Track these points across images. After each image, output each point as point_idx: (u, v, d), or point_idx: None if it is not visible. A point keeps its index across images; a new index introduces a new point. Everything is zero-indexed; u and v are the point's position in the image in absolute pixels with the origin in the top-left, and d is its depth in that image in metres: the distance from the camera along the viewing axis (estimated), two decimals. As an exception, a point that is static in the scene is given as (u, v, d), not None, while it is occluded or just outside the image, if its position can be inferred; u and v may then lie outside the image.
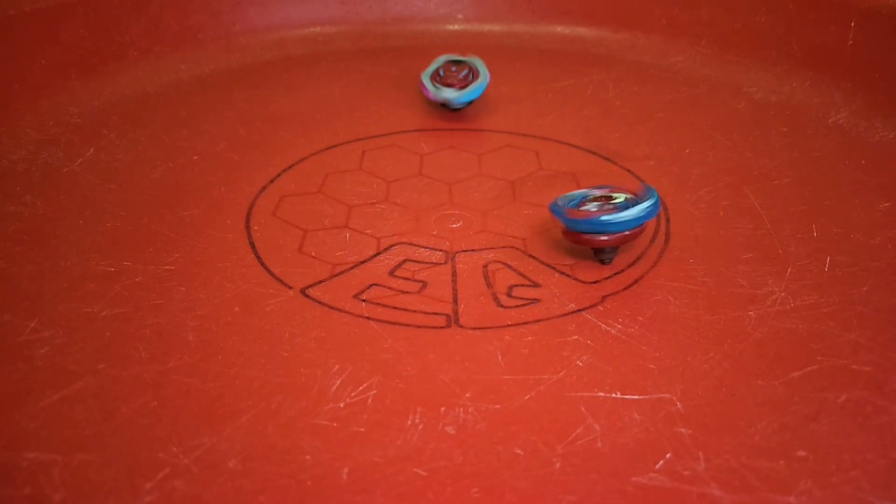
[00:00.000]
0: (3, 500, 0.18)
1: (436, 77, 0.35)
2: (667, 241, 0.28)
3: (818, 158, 0.32)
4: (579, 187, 0.31)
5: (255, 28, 0.42)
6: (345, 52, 0.42)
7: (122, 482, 0.19)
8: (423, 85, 0.35)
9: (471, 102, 0.35)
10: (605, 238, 0.25)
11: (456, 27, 0.44)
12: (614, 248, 0.26)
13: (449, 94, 0.35)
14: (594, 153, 0.33)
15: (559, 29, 0.44)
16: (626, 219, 0.24)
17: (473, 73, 0.35)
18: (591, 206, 0.25)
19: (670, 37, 0.42)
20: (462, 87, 0.35)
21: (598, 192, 0.26)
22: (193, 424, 0.20)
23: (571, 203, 0.25)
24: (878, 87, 0.36)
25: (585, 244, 0.25)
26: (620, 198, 0.25)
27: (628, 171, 0.32)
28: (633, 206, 0.24)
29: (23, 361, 0.22)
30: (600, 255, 0.26)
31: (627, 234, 0.25)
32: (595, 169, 0.32)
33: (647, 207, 0.24)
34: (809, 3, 0.38)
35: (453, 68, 0.35)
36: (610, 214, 0.24)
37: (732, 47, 0.40)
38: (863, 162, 0.32)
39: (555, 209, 0.25)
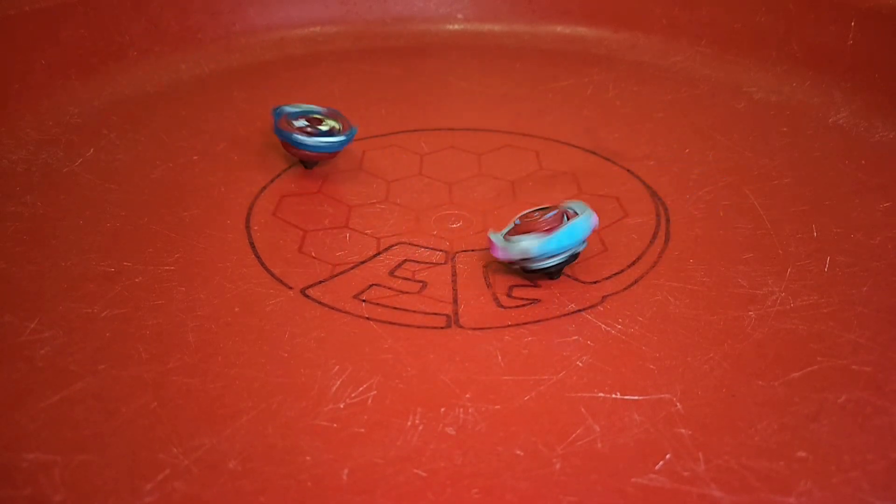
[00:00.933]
0: (3, 501, 0.18)
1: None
2: (667, 241, 0.28)
3: (818, 158, 0.32)
4: (579, 187, 0.31)
5: (255, 28, 0.42)
6: (345, 52, 0.42)
7: (123, 483, 0.19)
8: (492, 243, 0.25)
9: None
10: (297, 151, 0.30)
11: (456, 27, 0.44)
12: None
13: (525, 243, 0.24)
14: (594, 153, 0.33)
15: (559, 29, 0.44)
16: (314, 144, 0.30)
17: (568, 216, 0.25)
18: (299, 124, 0.31)
19: (670, 37, 0.42)
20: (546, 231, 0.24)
21: (317, 113, 0.31)
22: (193, 425, 0.20)
23: (291, 114, 0.31)
24: (878, 87, 0.36)
25: (288, 151, 0.31)
26: (326, 127, 0.31)
27: (628, 171, 0.32)
28: (326, 136, 0.30)
29: (23, 362, 0.22)
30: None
31: (310, 155, 0.30)
32: (595, 169, 0.32)
33: (332, 141, 0.30)
34: (809, 3, 0.38)
35: (535, 213, 0.25)
36: (303, 136, 0.30)
37: (732, 47, 0.40)
38: (863, 162, 0.32)
39: (276, 112, 0.31)
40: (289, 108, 0.31)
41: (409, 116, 0.36)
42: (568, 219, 0.24)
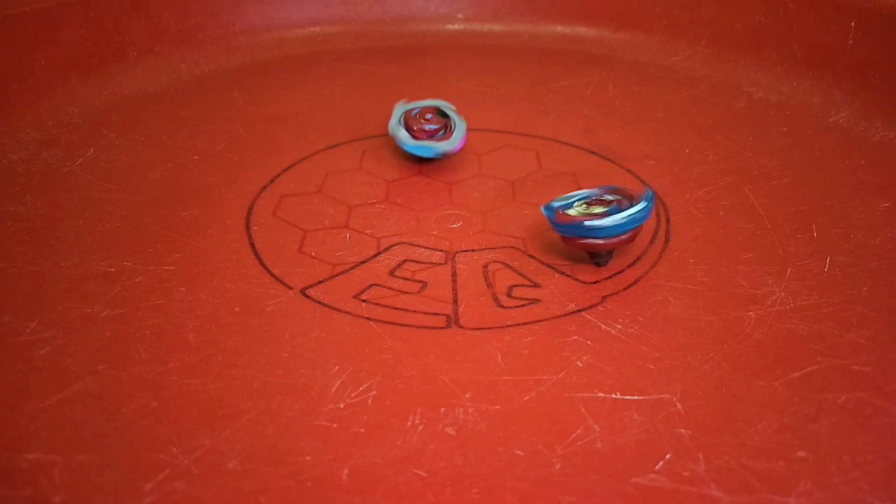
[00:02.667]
0: (3, 501, 0.18)
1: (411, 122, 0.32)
2: (667, 241, 0.28)
3: (818, 158, 0.32)
4: (579, 187, 0.31)
5: (255, 28, 0.42)
6: (345, 51, 0.42)
7: (123, 483, 0.19)
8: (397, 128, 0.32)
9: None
10: (597, 242, 0.24)
11: (456, 27, 0.44)
12: (609, 252, 0.26)
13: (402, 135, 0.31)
14: (594, 153, 0.33)
15: (559, 29, 0.44)
16: (610, 224, 0.24)
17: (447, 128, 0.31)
18: (581, 209, 0.25)
19: (670, 37, 0.42)
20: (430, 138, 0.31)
21: (594, 194, 0.25)
22: (193, 425, 0.20)
23: (564, 204, 0.25)
24: (878, 87, 0.36)
25: (578, 248, 0.25)
26: (612, 200, 0.25)
27: (628, 171, 0.32)
28: (619, 211, 0.24)
29: (23, 362, 0.22)
30: (595, 258, 0.26)
31: (614, 241, 0.24)
32: (595, 169, 0.32)
33: (634, 213, 0.24)
34: (809, 3, 0.38)
35: (429, 115, 0.32)
36: (593, 220, 0.24)
37: (732, 47, 0.40)
38: (863, 162, 0.32)
39: (546, 211, 0.25)
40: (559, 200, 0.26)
41: (409, 116, 0.36)
42: (446, 132, 0.31)
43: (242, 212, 0.29)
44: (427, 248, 0.27)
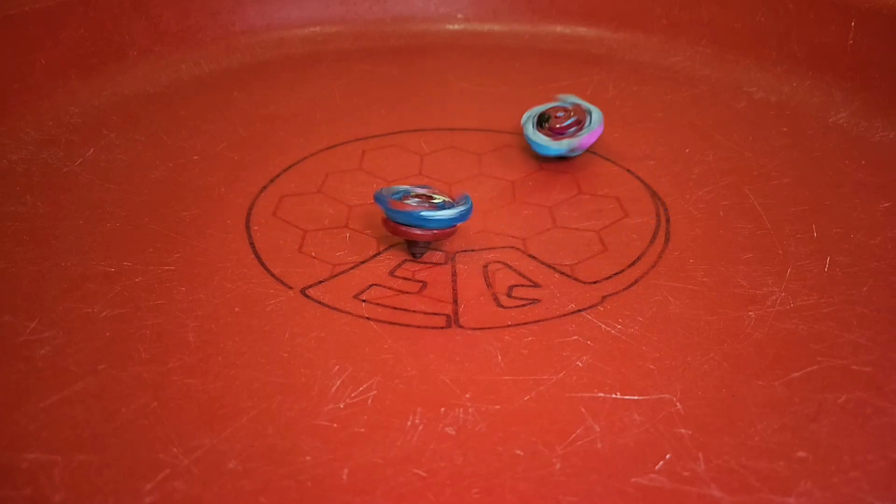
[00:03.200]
0: (3, 501, 0.18)
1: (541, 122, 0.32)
2: (667, 241, 0.28)
3: (818, 158, 0.32)
4: (579, 188, 0.31)
5: (255, 28, 0.42)
6: (345, 51, 0.42)
7: (123, 483, 0.19)
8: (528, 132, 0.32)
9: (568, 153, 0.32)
10: (419, 232, 0.26)
11: (456, 27, 0.44)
12: (426, 244, 0.27)
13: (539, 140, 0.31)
14: (594, 153, 0.33)
15: (559, 29, 0.44)
16: (442, 217, 0.26)
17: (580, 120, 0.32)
18: (412, 202, 0.26)
19: (670, 37, 0.42)
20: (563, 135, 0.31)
21: (420, 191, 0.27)
22: (193, 425, 0.20)
23: (395, 195, 0.26)
24: (878, 87, 0.36)
25: (401, 235, 0.26)
26: (439, 199, 0.26)
27: (628, 171, 0.32)
28: (449, 208, 0.26)
29: (23, 362, 0.22)
30: (412, 248, 0.27)
31: (437, 233, 0.26)
32: (595, 169, 0.32)
33: (461, 211, 0.26)
34: (809, 3, 0.38)
35: (560, 114, 0.32)
36: (428, 211, 0.25)
37: (732, 47, 0.40)
38: (863, 162, 0.32)
39: (379, 198, 0.26)
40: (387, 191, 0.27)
41: (409, 116, 0.36)
42: (580, 127, 0.32)
43: (242, 212, 0.29)
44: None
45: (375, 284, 0.26)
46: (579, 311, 0.24)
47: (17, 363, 0.22)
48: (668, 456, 0.20)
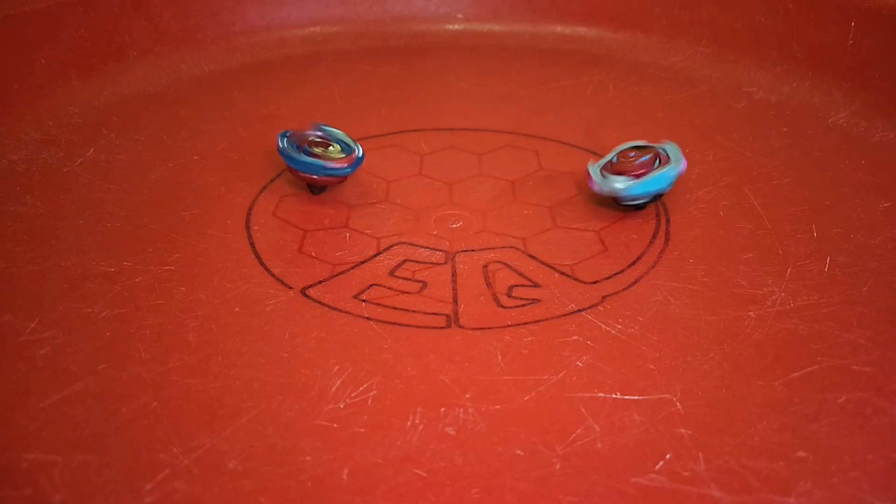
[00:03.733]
0: (3, 501, 0.18)
1: (608, 166, 0.29)
2: (667, 241, 0.28)
3: (818, 158, 0.32)
4: (579, 188, 0.31)
5: (255, 28, 0.42)
6: (345, 51, 0.42)
7: (123, 483, 0.19)
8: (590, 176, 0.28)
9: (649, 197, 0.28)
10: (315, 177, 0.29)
11: (456, 27, 0.44)
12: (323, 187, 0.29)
13: (618, 184, 0.27)
14: (594, 153, 0.33)
15: (559, 29, 0.44)
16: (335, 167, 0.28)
17: (660, 160, 0.28)
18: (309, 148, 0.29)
19: (670, 37, 0.42)
20: (638, 175, 0.28)
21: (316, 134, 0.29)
22: (193, 425, 0.20)
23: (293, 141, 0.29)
24: (878, 87, 0.36)
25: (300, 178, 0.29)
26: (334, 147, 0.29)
27: (628, 171, 0.32)
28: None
29: (23, 362, 0.22)
30: (312, 188, 0.30)
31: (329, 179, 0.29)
32: (595, 169, 0.32)
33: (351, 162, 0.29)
34: (809, 3, 0.38)
35: (632, 154, 0.28)
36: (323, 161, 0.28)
37: (732, 47, 0.40)
38: (863, 162, 0.32)
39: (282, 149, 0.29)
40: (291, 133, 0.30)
41: (409, 116, 0.36)
42: (660, 163, 0.28)
43: (242, 212, 0.29)
44: (427, 248, 0.27)
45: (375, 284, 0.26)
46: (579, 311, 0.24)
47: (17, 363, 0.22)
48: (668, 456, 0.20)
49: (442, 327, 0.24)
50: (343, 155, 0.29)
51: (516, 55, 0.42)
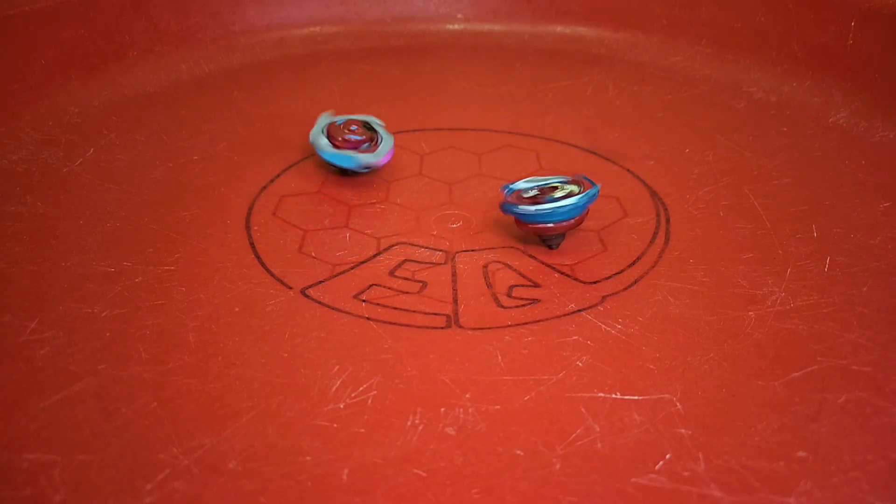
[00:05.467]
0: (3, 501, 0.18)
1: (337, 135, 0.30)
2: (667, 241, 0.28)
3: (818, 158, 0.32)
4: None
5: (255, 28, 0.42)
6: (345, 51, 0.42)
7: (123, 483, 0.19)
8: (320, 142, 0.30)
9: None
10: (546, 226, 0.26)
11: (456, 27, 0.44)
12: (560, 235, 0.27)
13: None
14: (594, 153, 0.33)
15: (559, 29, 0.44)
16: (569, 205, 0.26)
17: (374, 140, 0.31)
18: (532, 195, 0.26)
19: (670, 37, 0.42)
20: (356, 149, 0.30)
21: (550, 181, 0.27)
22: (193, 425, 0.20)
23: (523, 189, 0.27)
24: (878, 87, 0.36)
25: (529, 231, 0.27)
26: (563, 189, 0.26)
27: (628, 170, 0.32)
28: (555, 200, 0.26)
29: (23, 362, 0.22)
30: (546, 241, 0.27)
31: (563, 225, 0.26)
32: (595, 169, 0.32)
33: (572, 202, 0.26)
34: (809, 3, 0.38)
35: (353, 127, 0.31)
36: (529, 206, 0.26)
37: (732, 47, 0.40)
38: (863, 162, 0.32)
39: (507, 205, 0.26)
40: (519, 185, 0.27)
41: (409, 116, 0.36)
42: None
43: (242, 212, 0.29)
44: (427, 248, 0.27)
45: (375, 284, 0.26)
46: (579, 311, 0.24)
47: (17, 363, 0.22)
48: (668, 456, 0.20)
49: (442, 327, 0.24)
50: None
51: (516, 55, 0.42)
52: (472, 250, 0.27)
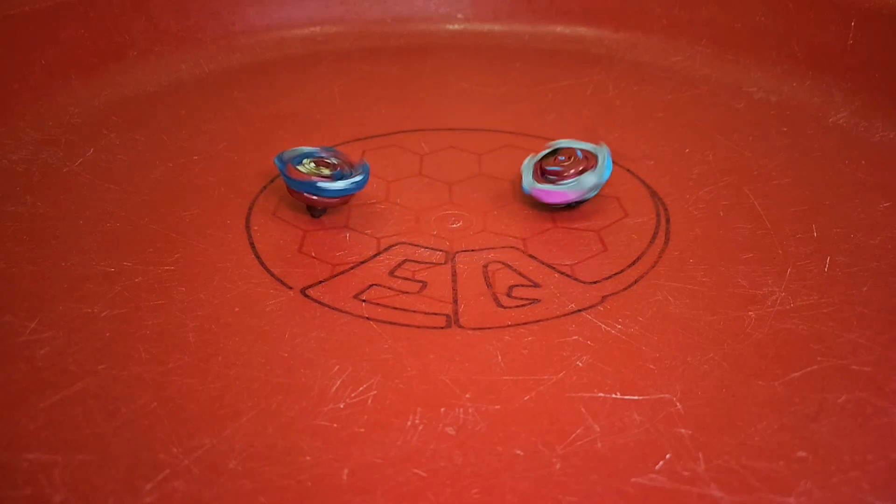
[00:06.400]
0: (3, 501, 0.18)
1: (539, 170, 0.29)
2: (667, 241, 0.28)
3: (818, 158, 0.32)
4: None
5: (255, 28, 0.42)
6: (345, 51, 0.42)
7: (123, 483, 0.19)
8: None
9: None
10: (319, 199, 0.27)
11: (456, 27, 0.44)
12: (324, 208, 0.28)
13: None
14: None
15: (559, 29, 0.44)
16: (336, 188, 0.27)
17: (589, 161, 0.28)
18: (309, 168, 0.28)
19: (670, 37, 0.42)
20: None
21: (316, 153, 0.28)
22: (193, 425, 0.20)
23: (294, 159, 0.28)
24: (878, 87, 0.36)
25: (302, 200, 0.28)
26: (336, 164, 0.28)
27: (628, 171, 0.32)
28: (343, 178, 0.27)
29: (23, 362, 0.22)
30: (312, 211, 0.28)
31: (334, 201, 0.28)
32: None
33: (354, 182, 0.27)
34: (809, 3, 0.38)
35: (561, 157, 0.28)
36: (324, 182, 0.27)
37: (732, 47, 0.40)
38: (863, 162, 0.32)
39: (279, 162, 0.28)
40: (288, 154, 0.28)
41: (409, 116, 0.36)
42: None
43: (242, 212, 0.29)
44: (427, 248, 0.27)
45: (375, 284, 0.26)
46: (579, 311, 0.24)
47: (17, 363, 0.22)
48: (668, 456, 0.20)
49: (442, 327, 0.24)
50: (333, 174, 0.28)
51: (516, 55, 0.42)
52: (472, 250, 0.27)
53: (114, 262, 0.26)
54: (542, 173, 0.28)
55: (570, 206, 0.29)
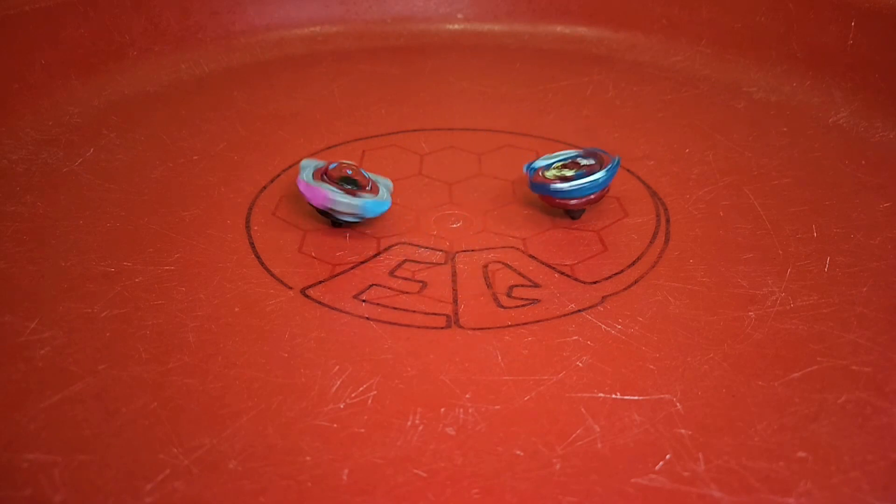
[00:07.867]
0: (3, 501, 0.18)
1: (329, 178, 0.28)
2: (667, 241, 0.28)
3: (818, 158, 0.32)
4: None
5: (255, 28, 0.42)
6: (345, 51, 0.42)
7: (123, 483, 0.19)
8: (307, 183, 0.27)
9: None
10: (567, 202, 0.28)
11: (456, 27, 0.44)
12: (581, 210, 0.28)
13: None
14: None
15: (559, 29, 0.44)
16: (571, 189, 0.27)
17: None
18: (556, 172, 0.28)
19: (670, 37, 0.42)
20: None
21: (571, 156, 0.28)
22: (193, 425, 0.20)
23: (545, 165, 0.28)
24: (878, 87, 0.36)
25: (553, 205, 0.28)
26: (586, 165, 0.28)
27: (628, 171, 0.32)
28: (585, 176, 0.27)
29: (23, 362, 0.22)
30: (570, 213, 0.28)
31: (582, 201, 0.27)
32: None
33: (594, 180, 0.27)
34: (809, 3, 0.38)
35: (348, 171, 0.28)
36: (558, 185, 0.27)
37: (732, 47, 0.40)
38: (863, 162, 0.32)
39: (528, 170, 0.28)
40: (540, 162, 0.28)
41: (409, 116, 0.36)
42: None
43: (242, 212, 0.29)
44: (427, 248, 0.27)
45: (375, 284, 0.26)
46: (579, 311, 0.24)
47: (17, 363, 0.22)
48: (668, 456, 0.20)
49: (442, 327, 0.24)
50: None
51: (516, 55, 0.42)
52: (472, 250, 0.27)
53: (114, 262, 0.26)
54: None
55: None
